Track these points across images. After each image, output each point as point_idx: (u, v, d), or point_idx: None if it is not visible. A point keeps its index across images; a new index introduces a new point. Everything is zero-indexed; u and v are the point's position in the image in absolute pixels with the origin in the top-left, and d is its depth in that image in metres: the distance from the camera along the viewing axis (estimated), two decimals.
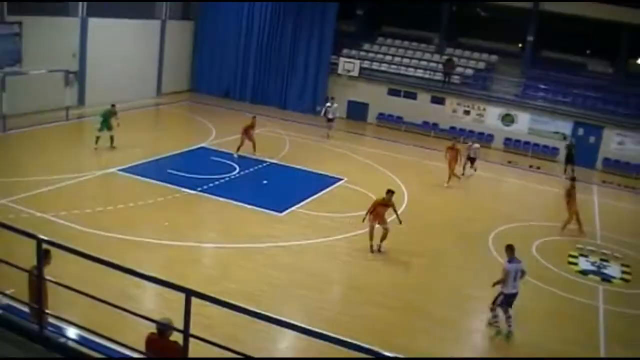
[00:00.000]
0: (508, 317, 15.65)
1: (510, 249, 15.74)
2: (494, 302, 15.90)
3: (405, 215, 23.64)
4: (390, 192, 19.98)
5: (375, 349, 6.16)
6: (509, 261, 15.58)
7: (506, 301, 15.56)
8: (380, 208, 20.05)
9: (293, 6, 41.92)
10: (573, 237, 23.48)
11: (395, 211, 20.09)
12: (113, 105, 28.41)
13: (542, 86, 39.51)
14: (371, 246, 19.97)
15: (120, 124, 28.02)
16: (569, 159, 34.56)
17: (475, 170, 31.03)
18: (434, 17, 43.26)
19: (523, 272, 15.75)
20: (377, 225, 19.99)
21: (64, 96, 32.41)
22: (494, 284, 15.82)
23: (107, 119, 27.63)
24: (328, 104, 36.54)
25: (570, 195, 24.26)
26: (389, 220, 20.19)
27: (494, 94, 39.45)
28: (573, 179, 25.23)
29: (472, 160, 30.86)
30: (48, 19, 32.95)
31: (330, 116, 35.96)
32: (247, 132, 29.46)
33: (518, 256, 15.72)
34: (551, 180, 32.72)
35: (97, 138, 27.45)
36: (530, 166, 35.04)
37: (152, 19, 41.08)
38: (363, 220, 19.96)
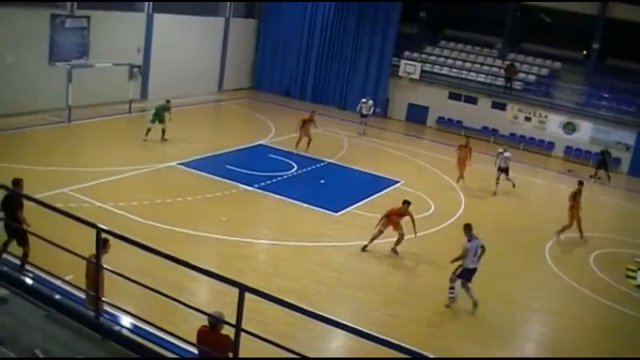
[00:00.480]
0: (468, 290, 16.67)
1: (468, 228, 16.77)
2: (454, 273, 16.82)
3: (460, 221, 23.48)
4: (406, 203, 19.64)
5: (425, 353, 6.16)
6: (469, 240, 16.55)
7: (466, 275, 16.66)
8: (395, 217, 19.62)
9: (356, 7, 41.94)
10: (632, 251, 22.97)
11: (413, 222, 19.42)
12: (168, 101, 29.00)
13: (606, 95, 38.72)
14: (365, 246, 19.57)
15: (172, 119, 28.55)
16: (602, 164, 34.14)
17: (513, 184, 28.14)
18: (497, 21, 42.81)
19: (483, 248, 16.74)
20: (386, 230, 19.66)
21: (127, 89, 32.95)
22: (453, 261, 16.79)
23: (159, 113, 28.22)
24: (363, 100, 36.73)
25: (575, 199, 23.59)
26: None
27: (557, 102, 38.83)
28: (581, 183, 24.44)
29: (504, 170, 27.89)
30: (115, 14, 33.59)
31: (364, 112, 36.18)
32: (305, 126, 29.69)
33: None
34: (612, 191, 32.16)
35: (148, 130, 28.13)
36: (591, 176, 34.33)
37: (216, 17, 41.57)
38: (376, 227, 19.68)
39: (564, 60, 41.47)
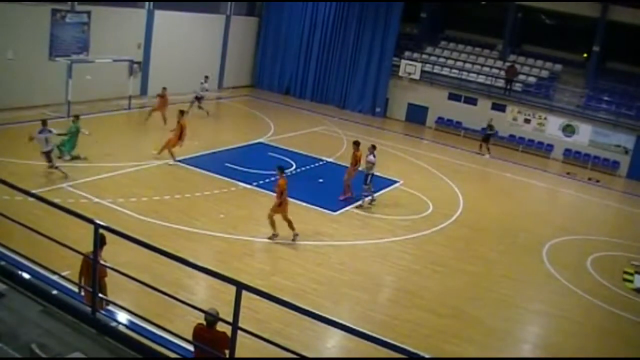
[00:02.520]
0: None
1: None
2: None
3: (459, 222, 23.60)
4: (281, 168, 19.88)
5: (422, 354, 6.15)
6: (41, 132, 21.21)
7: None
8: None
9: (357, 6, 41.93)
10: (630, 254, 22.96)
11: (281, 196, 19.35)
12: (77, 117, 23.83)
13: (606, 98, 38.75)
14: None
15: (91, 133, 24.13)
16: (486, 137, 36.15)
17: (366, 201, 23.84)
18: (498, 22, 42.81)
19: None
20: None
21: (127, 85, 32.91)
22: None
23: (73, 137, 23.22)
24: (202, 81, 35.09)
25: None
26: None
27: (556, 104, 38.81)
28: (356, 143, 24.74)
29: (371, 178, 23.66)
30: (116, 10, 33.55)
31: (198, 95, 34.58)
32: (160, 101, 30.57)
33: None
34: (610, 194, 32.17)
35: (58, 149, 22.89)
36: (590, 179, 34.42)
37: (217, 14, 41.55)
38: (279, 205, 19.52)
39: (564, 62, 41.54)
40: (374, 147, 23.74)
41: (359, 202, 23.44)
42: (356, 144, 24.64)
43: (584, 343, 16.28)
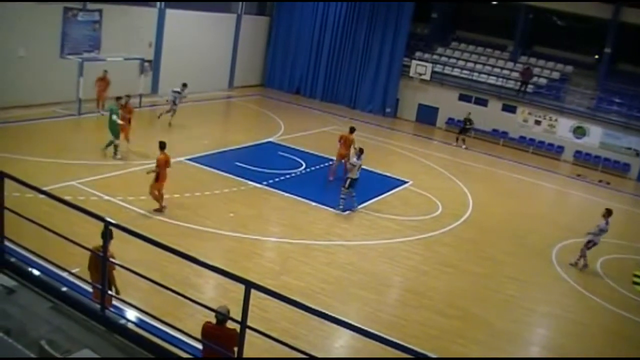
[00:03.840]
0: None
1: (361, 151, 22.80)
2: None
3: (468, 223, 23.55)
4: (162, 144, 19.95)
5: (429, 354, 6.15)
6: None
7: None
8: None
9: (368, 6, 41.92)
10: (638, 257, 22.89)
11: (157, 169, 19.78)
12: (119, 98, 25.31)
13: (617, 100, 38.59)
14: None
15: (131, 119, 25.59)
16: (462, 130, 37.40)
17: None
18: (509, 23, 42.68)
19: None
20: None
21: (138, 84, 32.97)
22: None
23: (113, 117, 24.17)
24: (179, 90, 30.86)
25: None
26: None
27: (567, 106, 38.70)
28: (352, 130, 26.67)
29: (350, 181, 22.82)
30: (127, 8, 33.63)
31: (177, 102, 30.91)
32: (100, 85, 30.13)
33: None
34: (621, 197, 32.03)
35: (114, 146, 24.53)
36: (600, 181, 34.31)
37: (228, 13, 41.61)
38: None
39: (575, 64, 41.39)
40: (361, 150, 23.13)
41: (337, 209, 22.66)
42: (351, 129, 26.77)
43: (591, 345, 16.23)
